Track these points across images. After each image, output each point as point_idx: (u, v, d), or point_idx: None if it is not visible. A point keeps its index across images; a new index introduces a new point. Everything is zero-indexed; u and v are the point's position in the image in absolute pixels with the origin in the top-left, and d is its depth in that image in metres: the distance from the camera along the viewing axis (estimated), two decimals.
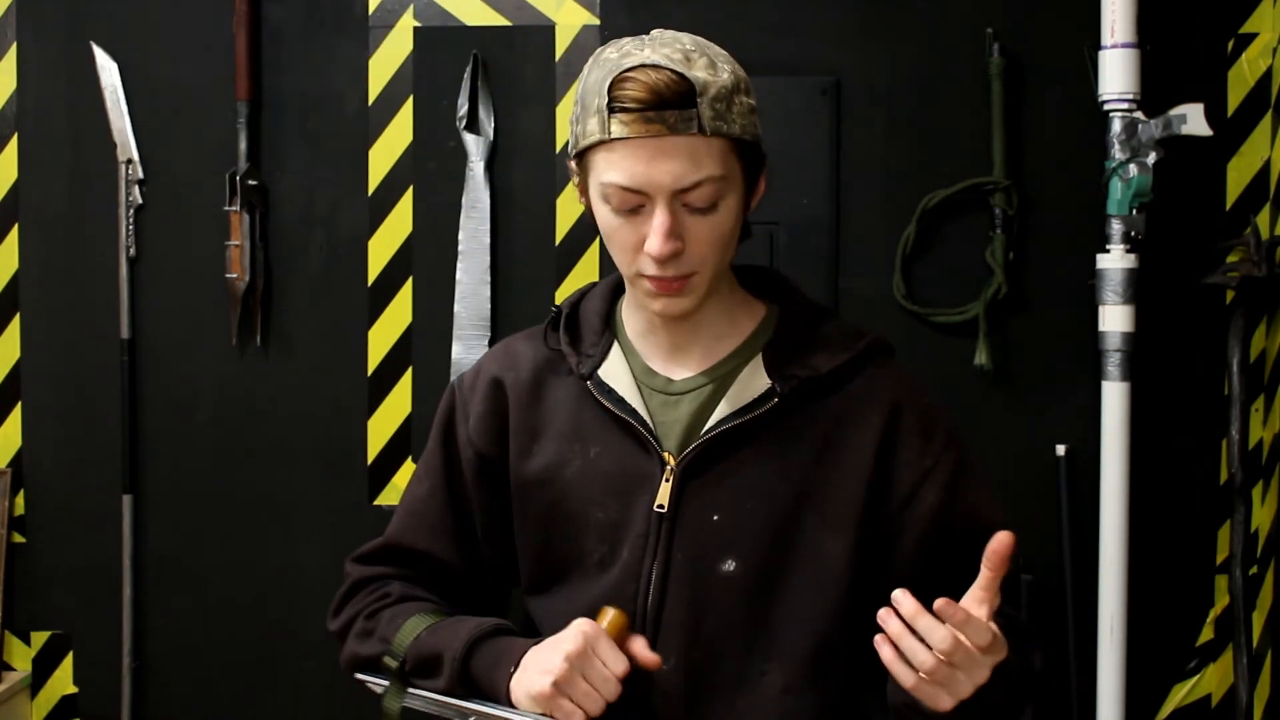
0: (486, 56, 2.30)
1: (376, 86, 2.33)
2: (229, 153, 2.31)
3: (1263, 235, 2.20)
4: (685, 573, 1.25)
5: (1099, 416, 2.18)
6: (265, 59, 2.33)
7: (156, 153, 2.34)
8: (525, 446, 1.32)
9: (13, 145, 2.35)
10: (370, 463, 2.34)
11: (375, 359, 2.34)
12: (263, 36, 2.32)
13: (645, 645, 1.22)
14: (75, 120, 2.35)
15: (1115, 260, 2.15)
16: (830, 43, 2.27)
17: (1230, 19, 2.23)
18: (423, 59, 2.32)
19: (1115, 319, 2.15)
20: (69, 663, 2.38)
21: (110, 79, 2.32)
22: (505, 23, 2.31)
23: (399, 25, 2.32)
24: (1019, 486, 2.22)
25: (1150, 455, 2.22)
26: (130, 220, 2.34)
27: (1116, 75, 2.12)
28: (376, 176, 2.33)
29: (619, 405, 1.28)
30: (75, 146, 2.35)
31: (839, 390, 1.28)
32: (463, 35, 2.31)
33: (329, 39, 2.33)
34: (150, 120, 2.34)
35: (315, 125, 2.34)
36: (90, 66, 2.32)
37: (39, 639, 2.38)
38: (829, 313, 1.36)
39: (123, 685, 2.35)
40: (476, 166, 2.30)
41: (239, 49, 2.29)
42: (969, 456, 1.30)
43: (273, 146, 2.33)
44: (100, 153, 2.34)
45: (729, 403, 1.26)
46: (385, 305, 2.34)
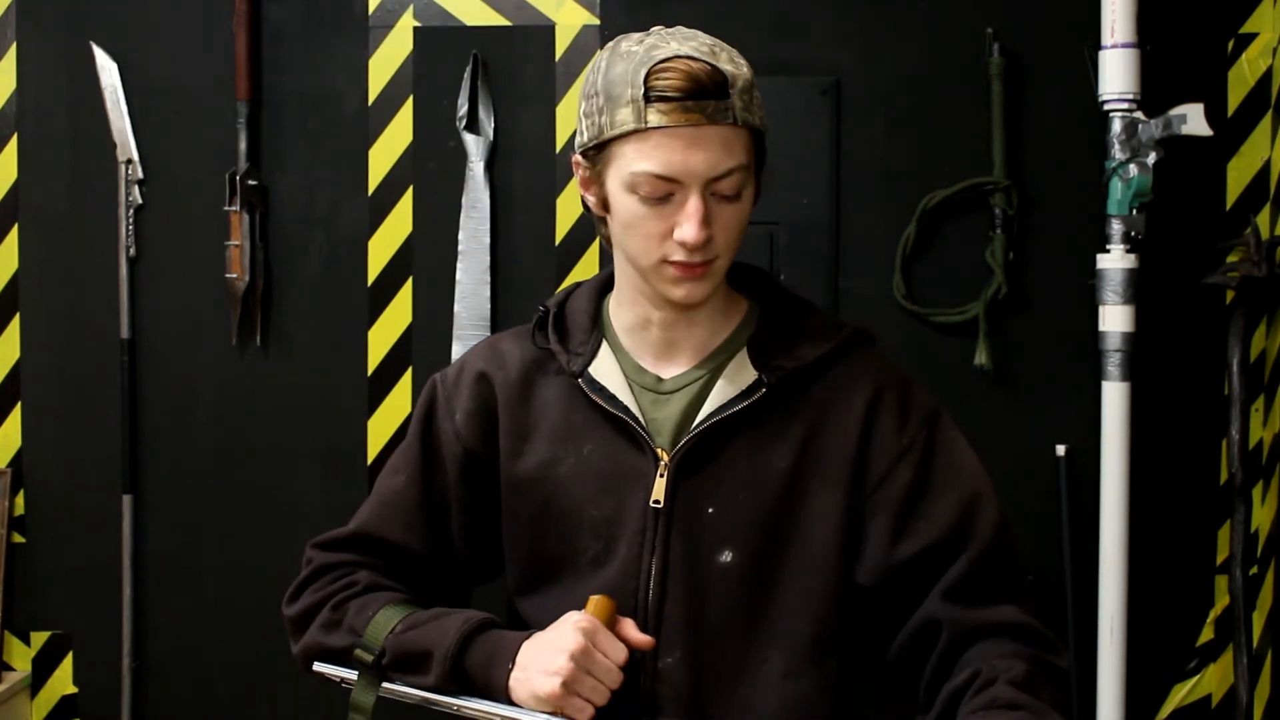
0: (486, 56, 2.30)
1: (376, 86, 2.33)
2: (229, 153, 2.31)
3: (1263, 235, 2.20)
4: (684, 566, 1.26)
5: (1099, 416, 2.18)
6: (265, 59, 2.33)
7: (156, 153, 2.34)
8: (516, 446, 1.33)
9: (13, 145, 2.35)
10: (370, 463, 2.34)
11: (375, 359, 2.34)
12: (263, 36, 2.32)
13: (635, 627, 1.24)
14: (75, 120, 2.35)
15: (1115, 260, 2.15)
16: (830, 43, 2.27)
17: (1230, 19, 2.23)
18: (423, 59, 2.32)
19: (1115, 319, 2.15)
20: (69, 663, 2.38)
21: (110, 79, 2.32)
22: (505, 23, 2.31)
23: (399, 25, 2.32)
24: (1019, 486, 2.22)
25: (1150, 455, 2.22)
26: (130, 220, 2.34)
27: (1116, 75, 2.12)
28: (376, 176, 2.34)
29: (611, 402, 1.29)
30: (75, 146, 2.35)
31: (822, 378, 1.30)
32: (463, 35, 2.31)
33: (329, 39, 2.33)
34: (150, 120, 2.34)
35: (315, 125, 2.34)
36: (90, 66, 2.32)
37: (39, 639, 2.38)
38: (810, 305, 1.38)
39: (123, 685, 2.35)
40: (476, 166, 2.30)
41: (239, 49, 2.29)
42: (948, 432, 1.31)
43: (273, 146, 2.33)
44: (100, 153, 2.34)
45: (718, 396, 1.28)
46: (385, 305, 2.34)
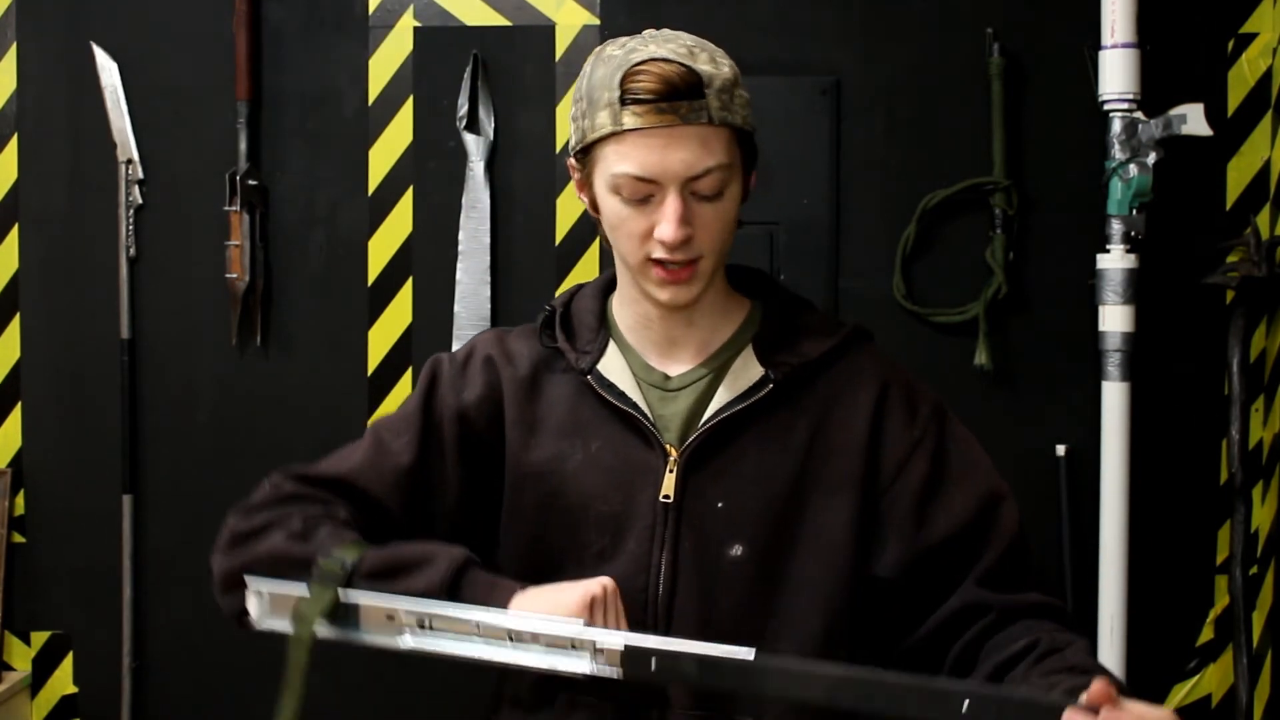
0: (486, 56, 2.30)
1: (376, 86, 2.33)
2: (229, 153, 2.31)
3: (1263, 235, 2.20)
4: (694, 561, 1.27)
5: (1099, 416, 2.18)
6: (265, 59, 2.33)
7: (156, 153, 2.34)
8: (524, 440, 1.33)
9: (13, 145, 2.36)
10: None
11: (375, 359, 2.34)
12: (263, 36, 2.32)
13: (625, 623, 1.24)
14: (75, 120, 2.35)
15: (1115, 260, 2.15)
16: (830, 43, 2.27)
17: (1230, 19, 2.23)
18: (423, 59, 2.32)
19: (1115, 319, 2.15)
20: (69, 663, 2.38)
21: (110, 79, 2.32)
22: (505, 23, 2.31)
23: (399, 25, 2.32)
24: (1019, 486, 2.18)
25: (1150, 455, 2.22)
26: (130, 220, 2.34)
27: (1116, 75, 2.12)
28: (376, 176, 2.34)
29: (620, 399, 1.30)
30: (75, 146, 2.35)
31: (826, 374, 1.32)
32: (463, 35, 2.31)
33: (329, 39, 2.33)
34: (150, 120, 2.34)
35: (315, 125, 2.34)
36: (90, 66, 2.32)
37: (39, 639, 2.38)
38: (809, 304, 1.40)
39: (123, 685, 2.35)
40: (476, 166, 2.30)
41: (239, 49, 2.29)
42: (955, 426, 1.34)
43: (273, 146, 2.34)
44: (100, 153, 2.34)
45: (725, 393, 1.30)
46: (385, 305, 2.34)
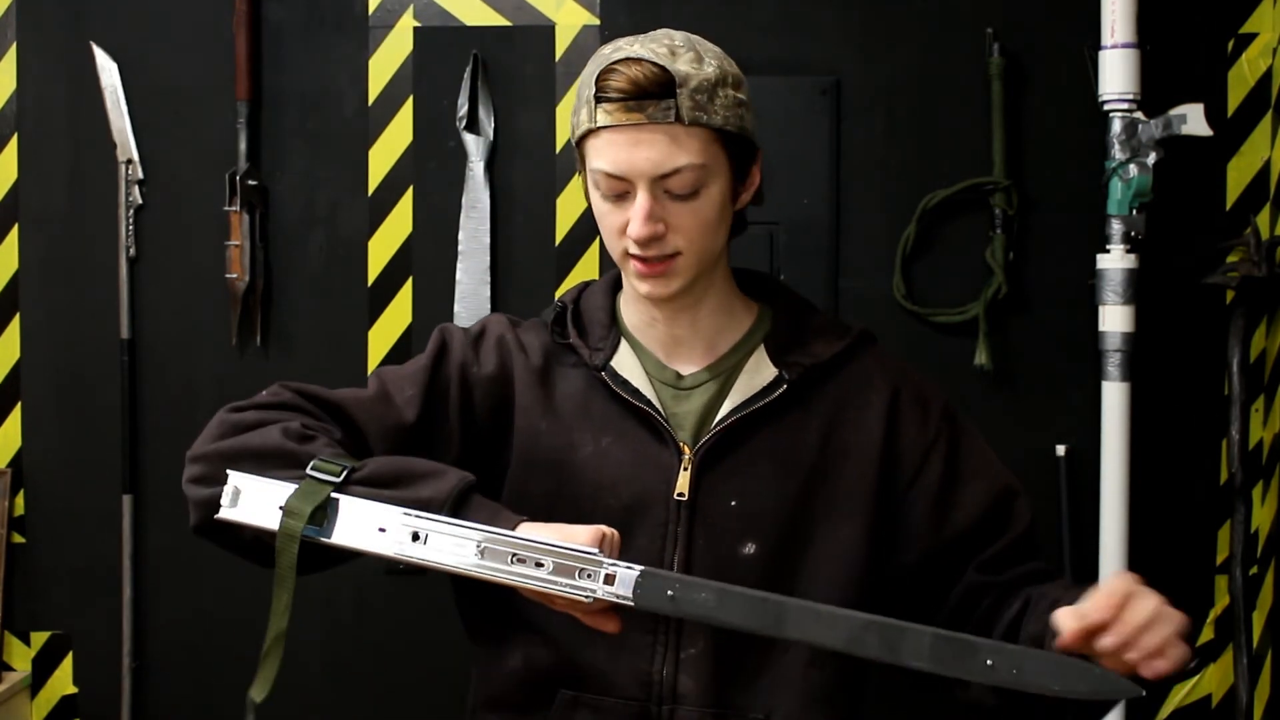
0: (486, 56, 2.30)
1: (376, 86, 2.33)
2: (229, 153, 2.31)
3: (1263, 235, 2.20)
4: (707, 558, 1.28)
5: (1099, 416, 2.18)
6: (265, 59, 2.33)
7: (156, 153, 2.34)
8: (534, 427, 1.33)
9: (13, 145, 2.35)
10: None
11: (375, 359, 2.34)
12: (263, 36, 2.32)
13: None
14: (75, 120, 2.35)
15: (1115, 260, 2.15)
16: (830, 43, 2.27)
17: (1230, 19, 2.23)
18: (423, 59, 2.32)
19: (1115, 319, 2.15)
20: (69, 663, 2.38)
21: (110, 79, 2.32)
22: (505, 23, 2.31)
23: (399, 25, 2.32)
24: None
25: (1150, 455, 2.22)
26: (130, 220, 2.34)
27: (1116, 75, 2.12)
28: (376, 176, 2.34)
29: (635, 396, 1.31)
30: (75, 146, 2.35)
31: (837, 375, 1.34)
32: (463, 35, 2.31)
33: (329, 39, 2.33)
34: (150, 120, 2.34)
35: (315, 125, 2.34)
36: (90, 66, 2.32)
37: (39, 639, 2.38)
38: (815, 308, 1.42)
39: (123, 685, 2.35)
40: (476, 166, 2.30)
41: (239, 49, 2.29)
42: (965, 425, 1.37)
43: (273, 146, 2.33)
44: (100, 153, 2.34)
45: (739, 392, 1.31)
46: (385, 305, 2.34)
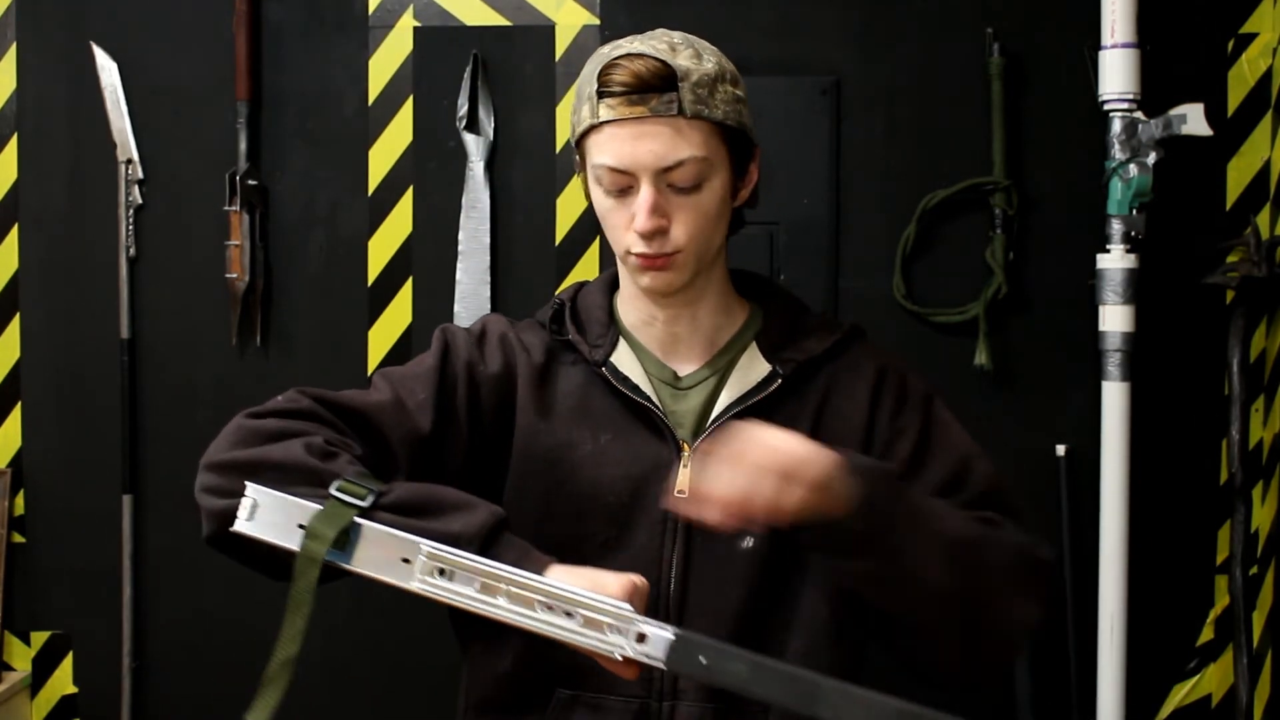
0: (486, 56, 2.30)
1: (376, 86, 2.33)
2: (229, 153, 2.31)
3: (1263, 235, 2.20)
4: (706, 554, 1.29)
5: (1099, 416, 2.18)
6: (265, 59, 2.33)
7: (156, 153, 2.34)
8: (534, 424, 1.33)
9: (13, 145, 2.35)
10: None
11: (375, 359, 2.34)
12: (263, 36, 2.32)
13: None
14: (75, 120, 2.35)
15: (1115, 260, 2.15)
16: (830, 43, 2.27)
17: (1230, 19, 2.23)
18: (423, 59, 2.32)
19: (1115, 319, 2.15)
20: (69, 663, 2.38)
21: (110, 79, 2.32)
22: (505, 23, 2.31)
23: (399, 25, 2.32)
24: (1019, 486, 2.21)
25: (1150, 455, 2.22)
26: (130, 220, 2.34)
27: (1116, 75, 2.12)
28: (376, 176, 2.34)
29: (635, 392, 1.32)
30: (75, 146, 2.35)
31: (827, 369, 1.35)
32: (463, 35, 2.31)
33: (329, 39, 2.33)
34: (150, 120, 2.34)
35: (315, 125, 2.34)
36: (90, 66, 2.32)
37: (39, 639, 2.38)
38: (807, 307, 1.43)
39: (123, 685, 2.35)
40: (476, 166, 2.30)
41: (239, 49, 2.29)
42: (943, 415, 1.36)
43: (273, 146, 2.33)
44: (100, 153, 2.34)
45: (734, 389, 1.33)
46: (385, 305, 2.34)
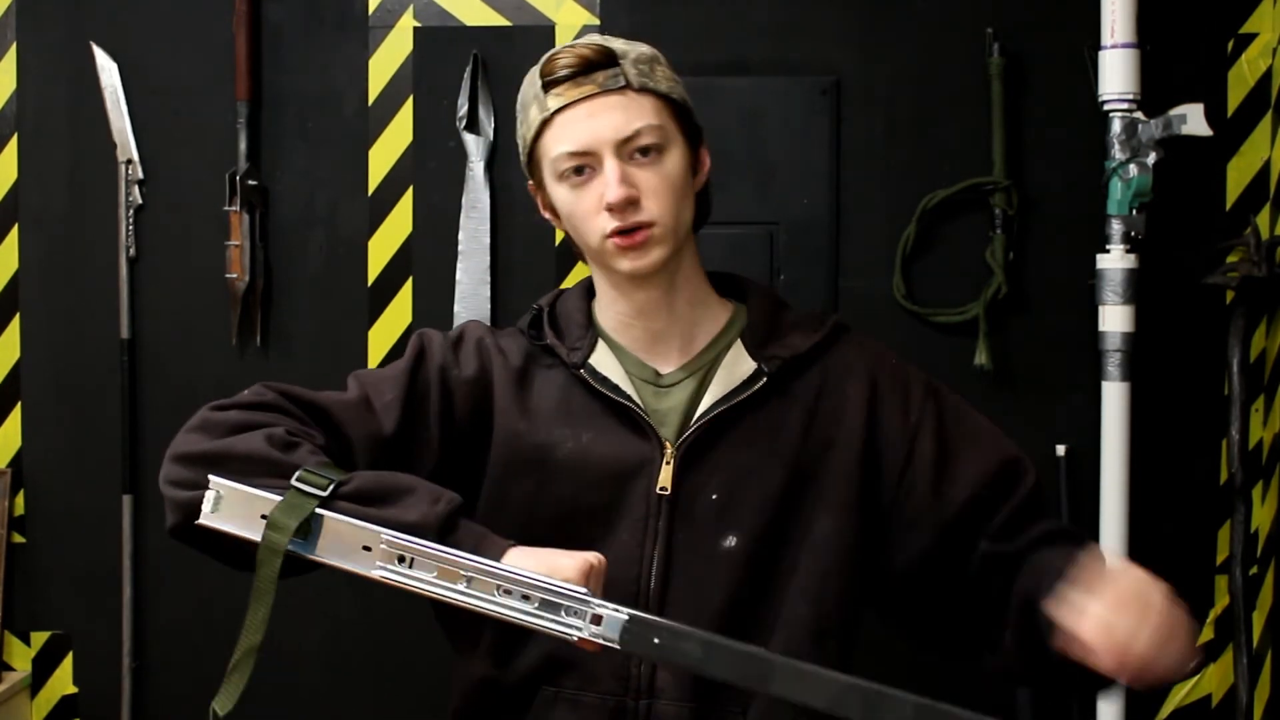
0: (486, 56, 2.30)
1: (376, 86, 2.33)
2: (229, 153, 2.31)
3: (1263, 235, 2.20)
4: (687, 553, 1.28)
5: (1099, 416, 2.18)
6: (265, 59, 2.33)
7: (156, 153, 2.34)
8: (513, 428, 1.33)
9: (13, 145, 2.35)
10: None
11: (375, 359, 2.34)
12: (263, 36, 2.32)
13: None
14: (75, 120, 2.35)
15: (1115, 260, 2.15)
16: (830, 43, 2.27)
17: (1230, 19, 2.23)
18: (423, 59, 2.32)
19: (1115, 319, 2.15)
20: (69, 663, 2.38)
21: (110, 79, 2.32)
22: (505, 23, 2.31)
23: (399, 25, 2.32)
24: None
25: (1150, 455, 2.21)
26: (130, 220, 2.34)
27: (1116, 75, 2.12)
28: (376, 176, 2.34)
29: (615, 392, 1.31)
30: (75, 146, 2.35)
31: (815, 366, 1.35)
32: (463, 35, 2.31)
33: (329, 39, 2.33)
34: (150, 120, 2.34)
35: (315, 125, 2.34)
36: (90, 66, 2.32)
37: (39, 639, 2.38)
38: (787, 303, 1.43)
39: (123, 685, 2.35)
40: (476, 166, 2.30)
41: (239, 49, 2.29)
42: (950, 398, 1.36)
43: (273, 146, 2.33)
44: (100, 153, 2.34)
45: (719, 386, 1.32)
46: (385, 305, 2.34)
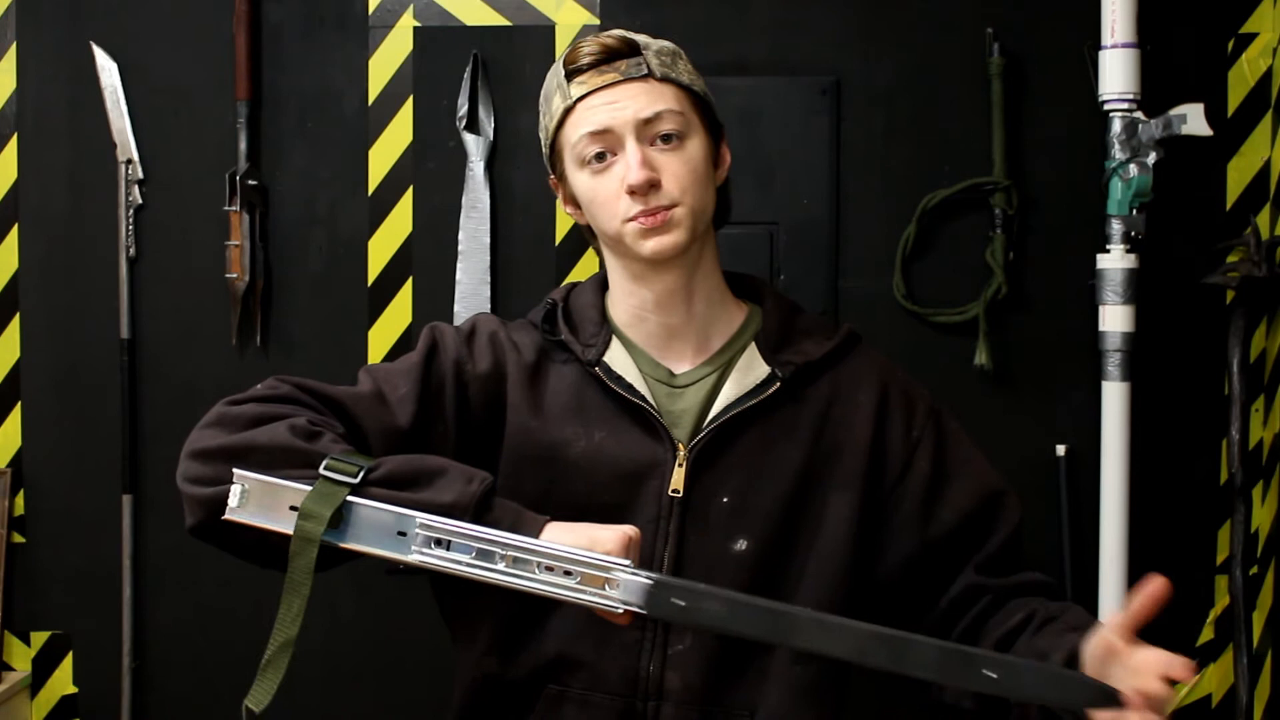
0: (486, 56, 2.30)
1: (376, 86, 2.33)
2: (229, 153, 2.31)
3: (1263, 235, 2.20)
4: (698, 555, 1.29)
5: (1099, 416, 2.18)
6: (265, 59, 2.32)
7: (156, 153, 2.34)
8: (526, 424, 1.33)
9: (13, 145, 2.35)
10: None
11: (375, 359, 2.34)
12: (263, 36, 2.32)
13: None
14: (75, 120, 2.35)
15: (1115, 260, 2.15)
16: (830, 43, 2.27)
17: (1230, 19, 2.23)
18: (423, 59, 2.32)
19: (1115, 319, 2.15)
20: (69, 663, 2.38)
21: (110, 79, 2.32)
22: (505, 23, 2.31)
23: (399, 25, 2.32)
24: (1019, 486, 2.18)
25: (1150, 455, 2.22)
26: (130, 220, 2.34)
27: (1116, 75, 2.12)
28: (376, 176, 2.34)
29: (629, 391, 1.31)
30: (75, 146, 2.35)
31: (827, 374, 1.35)
32: (463, 35, 2.31)
33: (329, 39, 2.33)
34: (150, 120, 2.34)
35: (315, 125, 2.34)
36: (90, 66, 2.32)
37: (39, 639, 2.38)
38: (801, 308, 1.44)
39: (123, 685, 2.35)
40: (476, 166, 2.30)
41: (239, 49, 2.29)
42: (951, 424, 1.39)
43: (273, 146, 2.33)
44: (100, 153, 2.34)
45: (732, 389, 1.32)
46: (385, 305, 2.34)
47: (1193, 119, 2.09)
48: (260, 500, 1.12)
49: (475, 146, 2.30)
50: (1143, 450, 2.19)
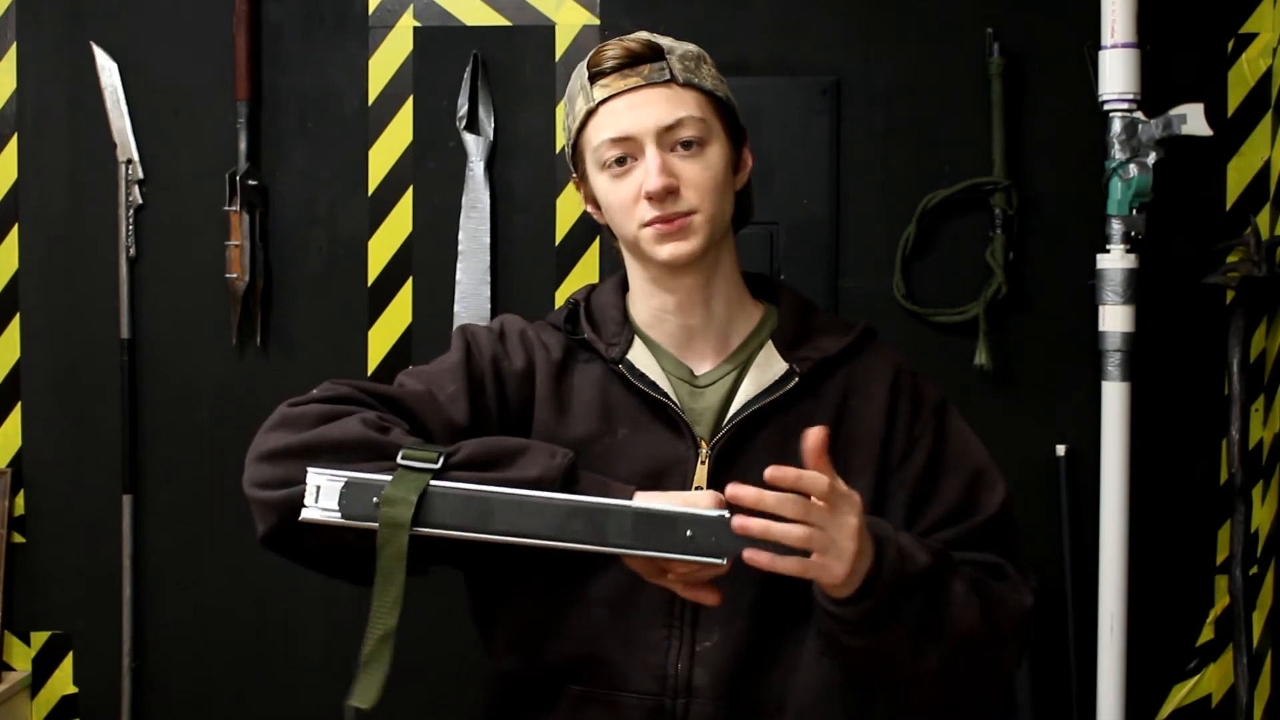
0: (486, 56, 2.30)
1: (376, 86, 2.33)
2: (229, 153, 2.31)
3: (1263, 235, 2.20)
4: None
5: (1099, 416, 2.18)
6: (265, 59, 2.33)
7: (156, 153, 2.34)
8: (553, 420, 1.34)
9: (13, 145, 2.35)
10: None
11: (375, 359, 2.34)
12: (263, 36, 2.32)
13: None
14: (75, 120, 2.35)
15: (1115, 260, 2.15)
16: (830, 43, 2.27)
17: (1230, 19, 2.23)
18: (423, 59, 2.32)
19: (1115, 319, 2.16)
20: (69, 663, 2.38)
21: (110, 79, 2.32)
22: (505, 23, 2.31)
23: (399, 25, 2.32)
24: (1019, 486, 2.19)
25: (1150, 455, 2.22)
26: (130, 220, 2.34)
27: (1116, 75, 2.13)
28: (376, 176, 2.34)
29: (653, 389, 1.32)
30: (75, 146, 2.35)
31: (843, 369, 1.37)
32: (463, 35, 2.31)
33: (329, 39, 2.33)
34: (150, 120, 2.34)
35: (315, 125, 2.34)
36: (90, 66, 2.32)
37: (39, 639, 2.38)
38: (817, 306, 1.45)
39: (123, 685, 2.35)
40: (476, 166, 2.30)
41: (239, 49, 2.29)
42: (956, 421, 1.39)
43: (273, 146, 2.33)
44: (100, 153, 2.34)
45: (751, 386, 1.33)
46: (385, 305, 2.34)
47: (1193, 119, 2.10)
48: (338, 497, 1.09)
49: (475, 146, 2.30)
50: (1143, 450, 2.19)
